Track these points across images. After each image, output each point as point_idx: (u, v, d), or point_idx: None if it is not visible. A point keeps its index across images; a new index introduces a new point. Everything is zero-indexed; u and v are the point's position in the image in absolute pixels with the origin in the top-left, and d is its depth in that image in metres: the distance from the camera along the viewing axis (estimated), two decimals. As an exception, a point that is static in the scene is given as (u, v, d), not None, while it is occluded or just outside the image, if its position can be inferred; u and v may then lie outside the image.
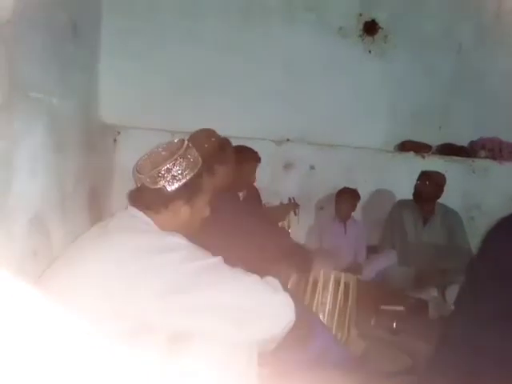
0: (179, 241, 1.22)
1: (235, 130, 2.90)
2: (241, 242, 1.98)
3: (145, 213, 1.29)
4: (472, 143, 3.76)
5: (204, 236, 1.39)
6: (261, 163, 2.75)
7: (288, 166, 3.51)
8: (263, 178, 2.99)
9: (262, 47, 3.43)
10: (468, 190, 3.58)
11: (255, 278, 1.24)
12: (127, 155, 3.10)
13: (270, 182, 3.31)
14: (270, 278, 1.28)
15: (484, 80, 3.75)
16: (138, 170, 1.30)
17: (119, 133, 3.16)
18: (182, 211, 1.31)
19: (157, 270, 1.14)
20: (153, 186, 1.26)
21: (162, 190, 1.26)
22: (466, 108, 3.74)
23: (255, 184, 2.85)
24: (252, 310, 1.18)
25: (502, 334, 1.08)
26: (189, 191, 1.29)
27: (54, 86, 2.01)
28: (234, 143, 2.45)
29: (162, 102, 3.22)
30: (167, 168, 1.26)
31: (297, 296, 2.14)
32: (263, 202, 3.03)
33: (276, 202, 3.11)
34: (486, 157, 3.69)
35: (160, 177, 1.25)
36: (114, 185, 3.04)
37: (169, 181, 1.26)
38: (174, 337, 1.17)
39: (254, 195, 2.90)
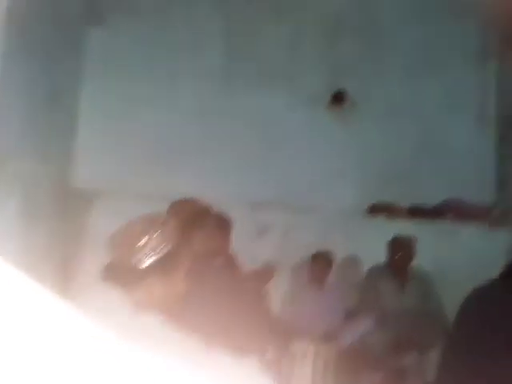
0: (153, 322, 1.18)
1: (210, 195, 2.90)
2: (218, 315, 1.94)
3: (118, 289, 1.24)
4: (439, 205, 3.90)
5: (182, 311, 1.36)
6: (236, 228, 2.75)
7: (262, 230, 3.52)
8: (238, 242, 2.97)
9: (237, 113, 3.56)
10: (437, 251, 3.66)
11: (230, 363, 1.20)
12: (103, 221, 3.05)
13: (245, 246, 3.29)
14: (247, 361, 1.25)
15: (447, 145, 3.98)
16: (111, 244, 1.25)
17: (95, 198, 3.12)
18: (157, 288, 1.26)
19: (125, 358, 1.09)
20: (126, 262, 1.22)
21: (136, 266, 1.21)
22: (432, 171, 3.93)
23: (231, 250, 2.83)
24: None
25: None
26: (164, 267, 1.24)
27: (30, 153, 2.00)
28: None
29: (138, 167, 3.24)
30: (142, 243, 1.22)
31: (274, 371, 2.08)
32: (240, 267, 2.99)
33: (250, 268, 3.08)
34: (453, 218, 3.82)
35: (134, 252, 1.21)
36: (87, 252, 2.95)
37: (143, 257, 1.21)
38: None
39: (231, 262, 2.86)
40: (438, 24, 4.14)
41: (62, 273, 2.42)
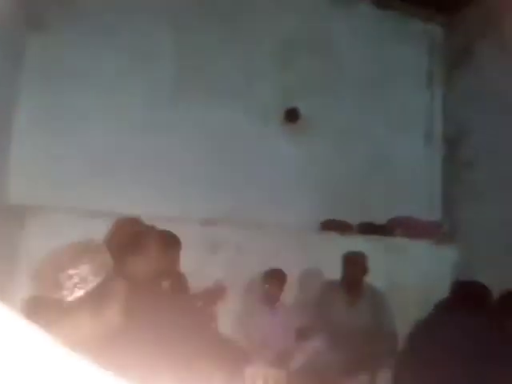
0: (80, 366, 1.06)
1: (158, 211, 2.80)
2: (163, 339, 1.82)
3: (44, 326, 1.12)
4: (389, 222, 3.97)
5: (116, 345, 1.23)
6: (185, 246, 2.64)
7: (213, 248, 3.42)
8: (188, 261, 2.86)
9: (188, 126, 3.48)
10: (388, 267, 3.71)
11: None
12: (37, 240, 2.83)
13: (196, 264, 3.18)
14: None
15: (396, 164, 4.10)
16: (35, 275, 1.14)
17: (28, 216, 2.89)
18: (86, 325, 1.15)
19: None
20: (52, 296, 1.11)
21: (62, 300, 1.10)
22: (382, 189, 4.02)
23: (179, 269, 2.71)
24: None
25: None
26: (94, 300, 1.14)
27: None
28: (157, 224, 2.34)
29: (78, 182, 3.05)
30: (68, 274, 1.11)
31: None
32: (189, 288, 2.86)
33: (201, 286, 2.96)
34: (402, 235, 3.90)
35: (60, 285, 1.10)
36: (20, 273, 2.72)
37: (69, 289, 1.10)
38: None
39: (180, 282, 2.74)
40: (389, 47, 4.30)
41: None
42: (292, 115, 3.88)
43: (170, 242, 2.47)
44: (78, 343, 1.11)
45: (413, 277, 3.71)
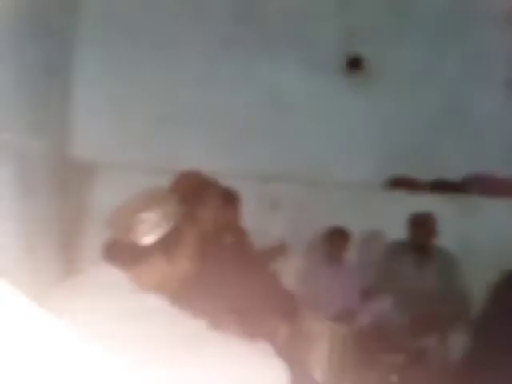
0: (157, 304, 1.09)
1: (219, 168, 2.77)
2: (228, 292, 1.84)
3: (120, 269, 1.15)
4: (464, 179, 3.69)
5: (188, 291, 1.25)
6: (246, 202, 2.62)
7: (274, 205, 3.37)
8: (249, 218, 2.83)
9: (245, 82, 3.37)
10: (460, 228, 3.47)
11: (242, 349, 1.11)
12: (104, 195, 2.94)
13: (257, 222, 3.15)
14: (262, 345, 1.14)
15: (472, 115, 3.75)
16: (111, 221, 1.17)
17: (95, 171, 2.99)
18: (160, 267, 1.17)
19: (129, 340, 0.99)
20: (126, 240, 1.13)
21: (136, 243, 1.12)
22: (456, 143, 3.71)
23: (242, 225, 2.70)
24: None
25: None
26: (166, 244, 1.15)
27: (24, 125, 1.89)
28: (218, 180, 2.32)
29: (139, 138, 3.09)
30: (141, 219, 1.12)
31: (288, 352, 1.96)
32: (251, 244, 2.86)
33: (263, 243, 2.95)
34: (479, 193, 3.61)
35: (133, 229, 1.12)
36: (91, 227, 2.84)
37: (143, 233, 1.12)
38: None
39: (242, 237, 2.74)
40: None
41: (63, 251, 2.32)
42: (355, 64, 3.61)
43: (230, 198, 2.46)
44: (154, 286, 1.14)
45: (490, 239, 3.45)
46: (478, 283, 2.50)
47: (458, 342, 2.50)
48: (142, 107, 3.13)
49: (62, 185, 2.34)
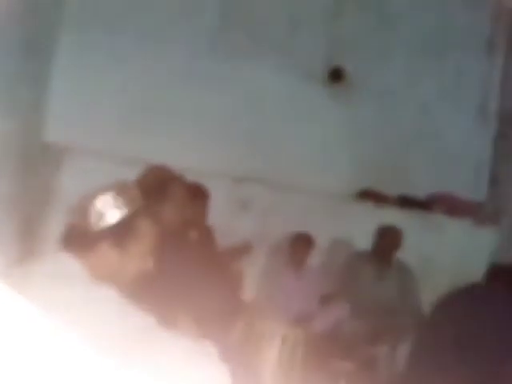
0: (106, 294, 1.09)
1: (191, 164, 2.78)
2: (186, 290, 1.84)
3: (75, 257, 1.14)
4: (429, 197, 3.80)
5: (142, 287, 1.24)
6: (217, 201, 2.63)
7: (243, 206, 3.40)
8: (218, 217, 2.85)
9: (226, 80, 3.38)
10: (423, 243, 3.58)
11: (188, 346, 1.10)
12: (71, 181, 2.91)
13: (225, 221, 3.18)
14: (207, 345, 1.14)
15: (444, 136, 3.86)
16: (70, 209, 1.18)
17: (65, 157, 2.95)
18: (112, 255, 1.16)
19: (80, 328, 0.95)
20: (80, 225, 1.14)
21: (88, 229, 1.13)
22: (425, 161, 3.82)
23: (207, 222, 2.71)
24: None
25: None
26: (118, 233, 1.15)
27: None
28: (189, 177, 2.33)
29: (114, 126, 3.07)
30: (95, 205, 1.13)
31: (237, 353, 1.99)
32: (216, 242, 2.88)
33: (229, 243, 2.97)
34: (441, 212, 3.73)
35: (87, 215, 1.13)
36: (54, 212, 2.80)
37: (95, 219, 1.13)
38: None
39: (207, 235, 2.75)
40: (448, 9, 3.96)
41: (25, 233, 2.29)
42: (337, 74, 3.69)
43: (198, 193, 2.46)
44: (107, 276, 1.14)
45: (448, 256, 3.57)
46: (433, 298, 2.59)
47: (406, 353, 2.58)
48: (117, 96, 3.11)
49: (31, 167, 2.31)
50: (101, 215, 1.13)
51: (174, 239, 1.93)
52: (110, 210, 1.14)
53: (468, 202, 3.80)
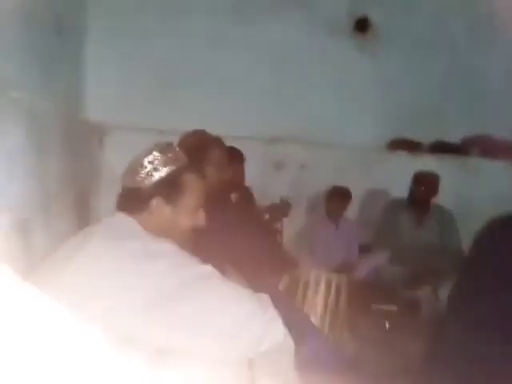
0: (166, 247, 1.15)
1: (224, 129, 2.84)
2: (232, 247, 1.94)
3: (130, 216, 1.22)
4: (464, 141, 3.74)
5: (192, 243, 1.30)
6: (250, 163, 2.71)
7: (278, 166, 3.47)
8: (253, 178, 2.94)
9: (251, 44, 3.39)
10: (460, 188, 3.55)
11: (246, 293, 1.16)
12: (115, 156, 3.05)
13: (260, 181, 3.27)
14: (261, 295, 1.19)
15: (476, 77, 3.74)
16: (122, 174, 1.26)
17: (106, 133, 3.10)
18: (164, 212, 1.23)
19: (140, 281, 1.07)
20: (131, 186, 1.22)
21: (140, 188, 1.20)
22: (459, 105, 3.73)
23: (245, 183, 2.81)
24: (236, 329, 1.09)
25: (498, 334, 1.05)
26: (167, 188, 1.21)
27: (36, 85, 1.95)
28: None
29: (149, 101, 3.18)
30: (143, 164, 1.20)
31: (288, 299, 2.11)
32: (255, 203, 2.98)
33: (267, 202, 3.07)
34: (479, 155, 3.67)
35: (136, 175, 1.21)
36: (102, 187, 2.98)
37: (144, 177, 1.20)
38: (158, 352, 1.10)
39: (247, 196, 2.86)
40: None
41: (76, 211, 2.44)
42: (362, 25, 3.61)
43: (233, 156, 2.53)
44: (161, 232, 1.19)
45: (486, 199, 3.52)
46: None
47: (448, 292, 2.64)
48: (150, 70, 3.20)
49: (74, 145, 2.44)
50: (150, 174, 1.19)
51: (218, 200, 2.01)
52: (157, 168, 1.20)
53: (506, 143, 3.71)
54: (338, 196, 3.14)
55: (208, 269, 1.15)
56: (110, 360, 1.04)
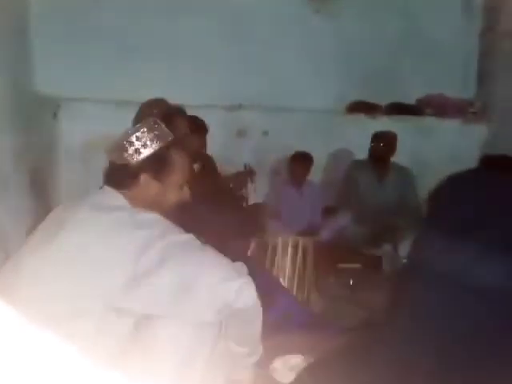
0: (151, 217, 1.20)
1: (184, 98, 2.80)
2: (199, 217, 1.95)
3: (117, 190, 1.25)
4: (418, 101, 3.85)
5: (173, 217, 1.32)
6: (213, 131, 2.69)
7: (240, 133, 3.46)
8: (216, 145, 2.93)
9: (209, 11, 3.30)
10: (415, 147, 3.68)
11: (223, 259, 1.22)
12: (70, 129, 2.95)
13: (223, 149, 3.26)
14: (237, 264, 1.26)
15: (429, 39, 3.82)
16: (107, 150, 1.29)
17: (59, 106, 2.96)
18: (151, 187, 1.26)
19: (125, 250, 1.12)
20: (119, 162, 1.25)
21: (128, 164, 1.23)
22: (413, 66, 3.81)
23: (208, 153, 2.79)
24: (212, 291, 1.15)
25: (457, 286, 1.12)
26: (155, 164, 1.24)
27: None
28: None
29: (104, 70, 3.05)
30: (130, 141, 1.23)
31: (257, 263, 2.17)
32: (219, 170, 2.98)
33: (231, 170, 3.07)
34: (432, 114, 3.80)
35: (124, 151, 1.23)
36: (59, 161, 2.88)
37: (132, 154, 1.23)
38: (141, 319, 1.15)
39: (210, 165, 2.85)
40: None
41: (34, 182, 2.36)
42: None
43: (196, 125, 2.50)
44: (148, 206, 1.23)
45: (439, 156, 3.68)
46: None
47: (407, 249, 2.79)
48: (104, 37, 3.06)
49: (28, 118, 2.33)
50: (138, 150, 1.22)
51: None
52: (146, 145, 1.22)
53: (457, 101, 3.85)
54: (300, 161, 3.19)
55: (189, 236, 1.22)
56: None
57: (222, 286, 1.14)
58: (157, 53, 3.18)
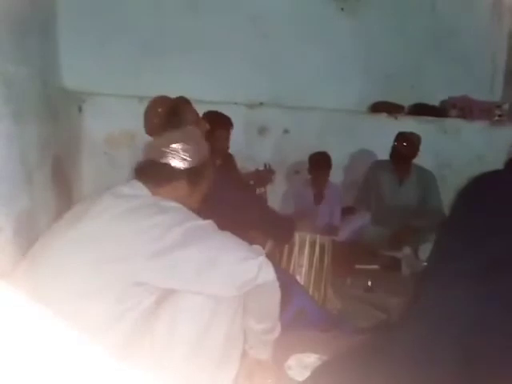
0: (174, 204, 1.29)
1: (206, 95, 2.83)
2: (219, 211, 1.95)
3: (145, 185, 1.33)
4: (443, 103, 3.78)
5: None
6: (234, 128, 2.70)
7: (262, 131, 3.47)
8: (237, 143, 2.93)
9: (231, 6, 3.31)
10: (439, 149, 3.63)
11: (241, 241, 1.30)
12: (94, 123, 3.01)
13: (244, 147, 3.27)
14: (255, 246, 1.36)
15: (456, 39, 3.75)
16: (145, 147, 1.39)
17: (84, 100, 3.02)
18: (184, 190, 1.37)
19: (148, 231, 1.18)
20: (161, 161, 1.34)
21: (166, 165, 1.33)
22: (438, 67, 3.75)
23: (229, 151, 2.80)
24: (235, 269, 1.24)
25: (469, 292, 1.09)
26: (194, 175, 1.37)
27: (8, 52, 1.88)
28: (206, 108, 2.39)
29: (127, 67, 3.10)
30: (175, 148, 1.33)
31: (273, 260, 2.15)
32: (239, 168, 2.99)
33: (250, 168, 3.08)
34: (457, 116, 3.73)
35: (170, 154, 1.33)
36: (82, 154, 2.94)
37: (178, 160, 1.34)
38: (162, 296, 1.22)
39: (230, 162, 2.86)
40: None
41: (56, 173, 2.41)
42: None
43: (219, 121, 2.51)
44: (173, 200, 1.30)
45: (464, 159, 3.61)
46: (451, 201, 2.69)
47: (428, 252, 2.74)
48: (128, 34, 3.11)
49: (53, 112, 2.39)
50: (184, 159, 1.34)
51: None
52: (191, 158, 1.34)
53: (483, 104, 3.77)
54: (320, 161, 3.15)
55: (209, 222, 1.30)
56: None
57: (244, 263, 1.23)
58: (180, 50, 3.21)
